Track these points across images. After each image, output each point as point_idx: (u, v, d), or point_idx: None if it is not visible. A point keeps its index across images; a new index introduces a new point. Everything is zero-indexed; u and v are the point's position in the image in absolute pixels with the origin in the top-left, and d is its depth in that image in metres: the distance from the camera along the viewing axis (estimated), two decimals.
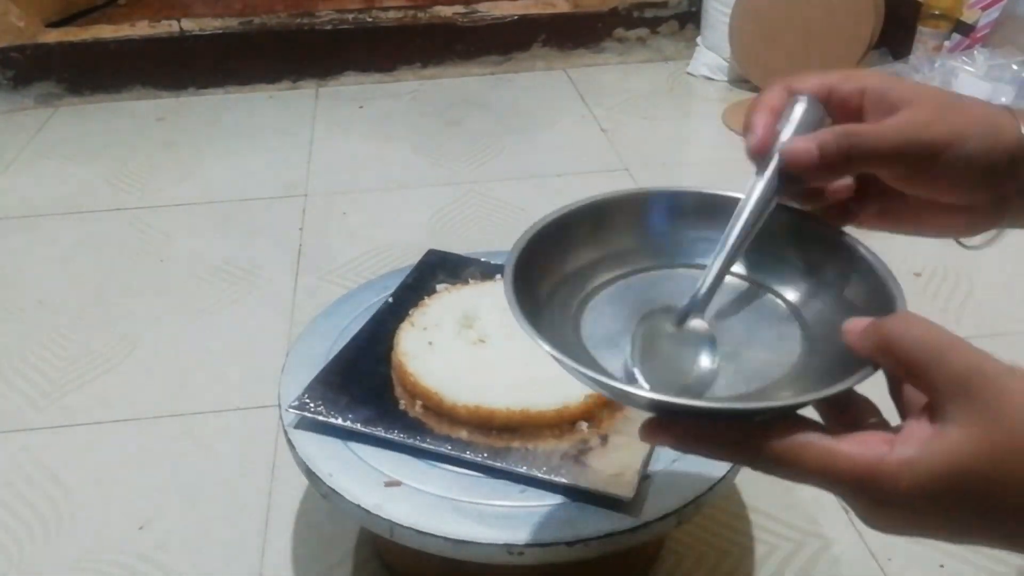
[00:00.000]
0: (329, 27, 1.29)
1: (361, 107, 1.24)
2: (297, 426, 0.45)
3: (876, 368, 0.26)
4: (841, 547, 0.54)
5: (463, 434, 0.43)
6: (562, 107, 1.22)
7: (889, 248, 0.33)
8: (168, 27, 1.27)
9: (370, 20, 1.30)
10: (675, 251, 0.36)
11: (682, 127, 1.18)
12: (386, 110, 1.22)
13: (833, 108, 0.31)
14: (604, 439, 0.43)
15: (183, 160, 1.09)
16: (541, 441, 0.42)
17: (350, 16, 1.30)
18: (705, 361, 0.32)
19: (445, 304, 0.51)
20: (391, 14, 1.31)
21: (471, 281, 0.55)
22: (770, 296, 0.35)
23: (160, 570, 0.53)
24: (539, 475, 0.41)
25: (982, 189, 0.30)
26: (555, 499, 0.40)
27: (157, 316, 0.79)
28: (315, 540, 0.55)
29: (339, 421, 0.44)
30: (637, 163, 1.03)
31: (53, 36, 1.27)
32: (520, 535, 0.39)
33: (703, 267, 0.32)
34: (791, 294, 0.34)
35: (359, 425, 0.44)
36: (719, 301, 0.33)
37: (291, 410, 0.45)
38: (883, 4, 1.17)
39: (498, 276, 0.55)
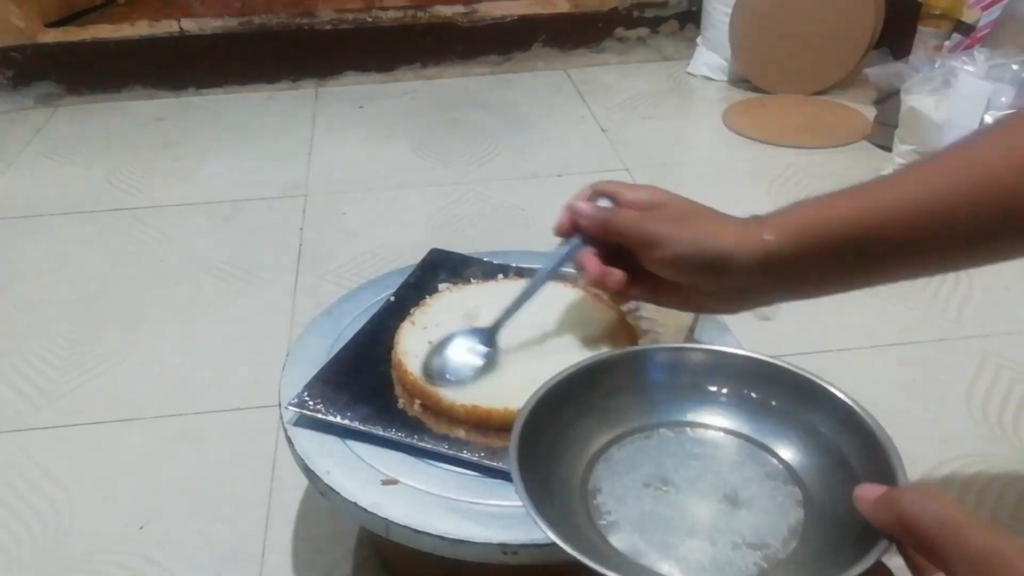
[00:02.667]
0: (329, 27, 1.29)
1: (361, 107, 1.24)
2: (296, 423, 0.45)
3: (891, 542, 0.27)
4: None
5: (461, 433, 0.43)
6: (562, 107, 1.22)
7: None
8: (168, 27, 1.27)
9: (370, 20, 1.30)
10: (668, 409, 0.38)
11: (682, 127, 1.18)
12: (386, 110, 1.23)
13: (621, 206, 0.42)
14: None
15: (183, 160, 1.09)
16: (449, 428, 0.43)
17: (350, 16, 1.30)
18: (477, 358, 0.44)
19: (447, 303, 0.51)
20: (391, 14, 1.31)
21: (473, 280, 0.55)
22: (768, 456, 0.36)
23: (160, 570, 0.53)
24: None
25: (701, 279, 0.40)
26: (495, 500, 0.40)
27: (157, 316, 0.79)
28: (315, 540, 0.55)
29: (337, 419, 0.44)
30: (637, 163, 1.03)
31: (53, 36, 1.27)
32: (515, 535, 0.39)
33: (708, 426, 0.37)
34: (787, 452, 0.36)
35: (357, 423, 0.44)
36: (721, 462, 0.36)
37: (290, 407, 0.45)
38: (883, 4, 1.17)
39: (500, 276, 0.55)
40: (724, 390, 0.38)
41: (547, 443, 0.35)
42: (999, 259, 0.39)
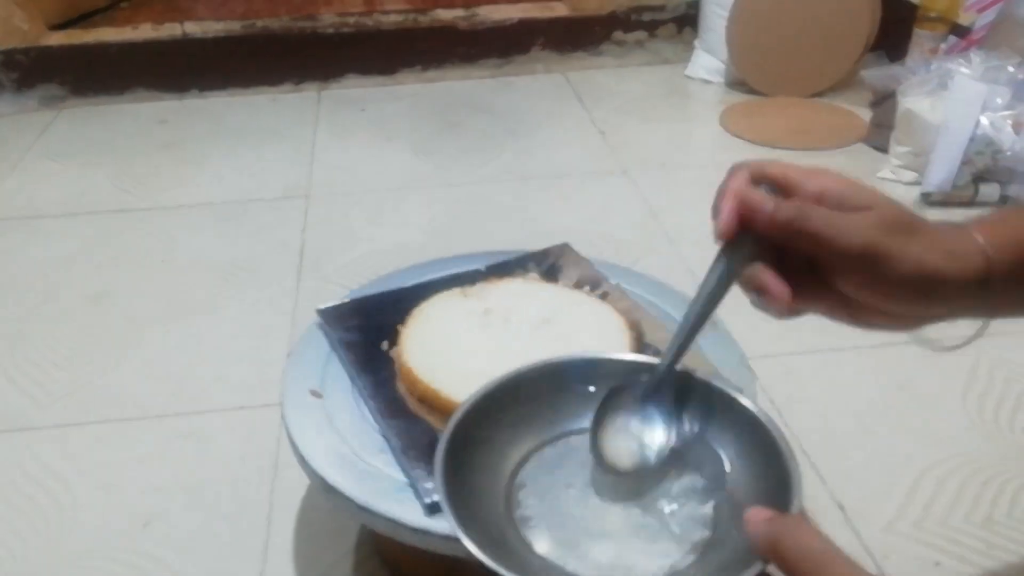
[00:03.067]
0: (331, 30, 1.30)
1: (363, 110, 1.24)
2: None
3: (766, 564, 0.29)
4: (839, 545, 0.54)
5: (396, 382, 0.45)
6: (561, 110, 1.22)
7: None
8: (171, 30, 1.28)
9: (371, 23, 1.31)
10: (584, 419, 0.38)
11: (680, 129, 1.19)
12: (387, 112, 1.23)
13: (797, 197, 0.32)
14: None
15: (186, 162, 1.10)
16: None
17: (352, 19, 1.31)
18: (660, 437, 0.36)
19: (508, 290, 0.52)
20: (392, 18, 1.32)
21: (562, 282, 0.55)
22: (692, 474, 0.37)
23: (163, 568, 0.54)
24: (392, 444, 0.42)
25: (909, 305, 0.32)
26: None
27: (160, 316, 0.79)
28: (316, 538, 0.56)
29: (330, 333, 0.49)
30: (635, 165, 1.04)
31: (57, 39, 1.28)
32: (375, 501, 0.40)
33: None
34: (707, 470, 0.37)
35: (338, 345, 0.48)
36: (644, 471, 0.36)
37: (318, 313, 0.50)
38: (879, 7, 1.18)
39: (587, 288, 0.54)
40: (655, 401, 0.37)
41: (479, 442, 0.37)
42: None
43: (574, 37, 1.35)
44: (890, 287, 0.31)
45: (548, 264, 0.57)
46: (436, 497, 0.37)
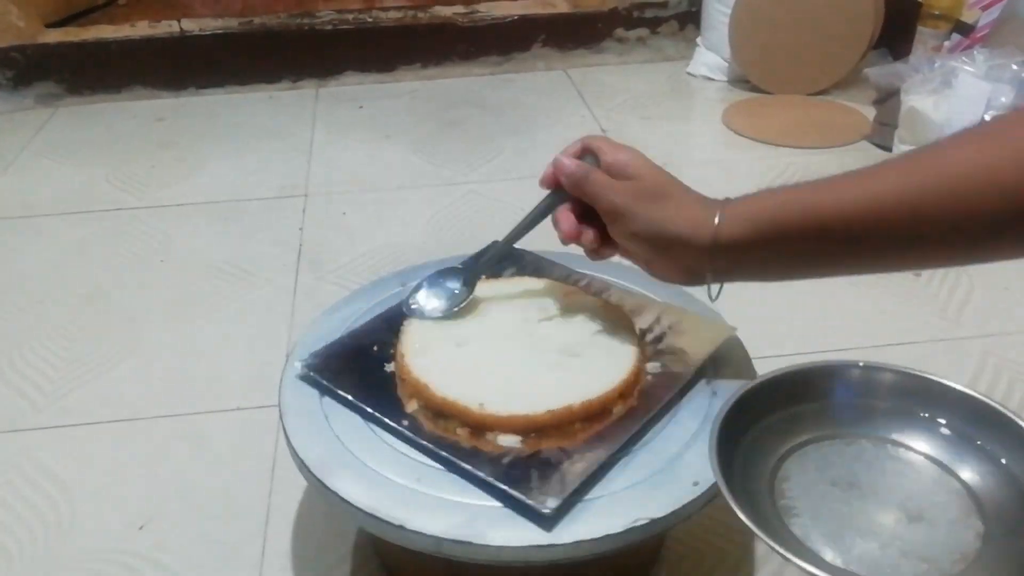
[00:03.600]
0: (329, 27, 1.29)
1: (361, 107, 1.24)
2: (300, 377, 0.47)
3: None
4: None
5: (414, 406, 0.44)
6: (562, 107, 1.22)
7: None
8: (168, 27, 1.27)
9: (370, 20, 1.30)
10: (870, 423, 0.40)
11: (682, 127, 1.18)
12: (386, 110, 1.22)
13: (601, 166, 0.43)
14: (552, 453, 0.41)
15: (183, 160, 1.09)
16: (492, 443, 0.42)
17: (350, 16, 1.30)
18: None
19: (496, 289, 0.52)
20: (391, 14, 1.31)
21: (513, 276, 0.55)
22: (959, 485, 0.38)
23: (160, 570, 0.53)
24: (472, 470, 0.41)
25: (655, 256, 0.42)
26: (491, 501, 0.40)
27: (157, 316, 0.79)
28: (314, 541, 0.55)
29: (336, 389, 0.46)
30: None
31: (53, 36, 1.27)
32: (447, 528, 0.39)
33: (907, 447, 0.39)
34: (979, 486, 0.37)
35: (350, 396, 0.45)
36: (912, 480, 0.38)
37: (299, 364, 0.47)
38: (883, 4, 1.17)
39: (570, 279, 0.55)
40: (926, 415, 0.40)
41: (747, 430, 0.38)
42: (958, 263, 0.39)
43: (575, 34, 1.34)
44: (635, 239, 0.42)
45: (531, 264, 0.57)
46: (554, 506, 0.38)
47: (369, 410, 0.44)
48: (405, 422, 0.43)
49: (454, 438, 0.43)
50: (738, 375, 0.48)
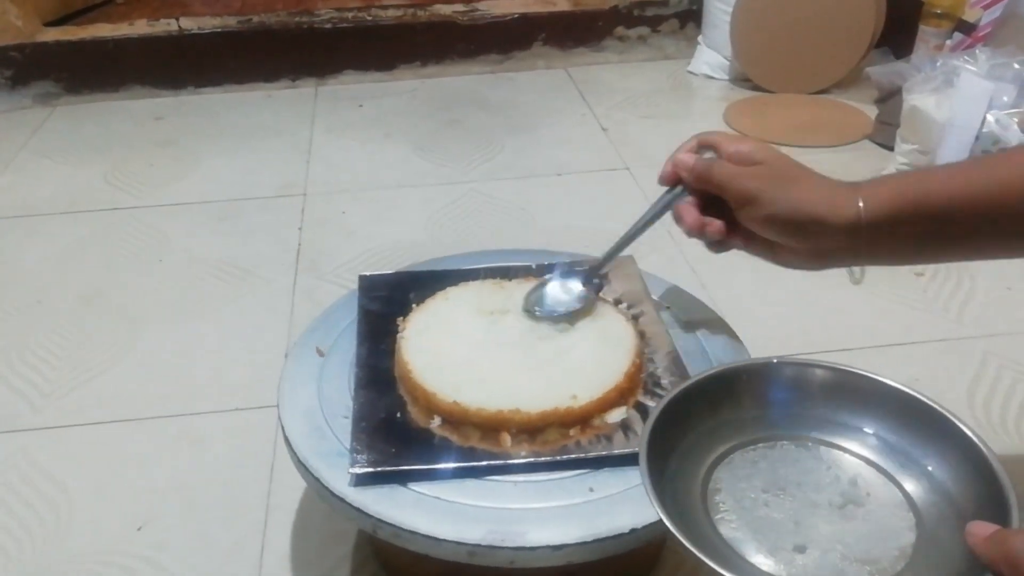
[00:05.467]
0: (328, 26, 1.29)
1: (361, 106, 1.23)
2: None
3: None
4: None
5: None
6: (562, 106, 1.21)
7: None
8: (166, 26, 1.27)
9: (370, 19, 1.30)
10: (795, 423, 0.40)
11: (683, 126, 1.18)
12: (386, 109, 1.22)
13: (723, 157, 0.44)
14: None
15: (181, 159, 1.09)
16: (466, 438, 0.43)
17: (349, 15, 1.29)
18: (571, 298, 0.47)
19: (431, 310, 0.50)
20: (391, 12, 1.31)
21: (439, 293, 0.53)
22: (884, 478, 0.38)
23: (159, 571, 0.53)
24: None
25: (793, 239, 0.41)
26: (491, 501, 0.40)
27: (155, 316, 0.78)
28: (314, 541, 0.55)
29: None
30: (638, 162, 1.03)
31: (51, 35, 1.27)
32: (437, 527, 0.38)
33: (830, 443, 0.38)
34: (904, 478, 0.38)
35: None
36: (839, 479, 0.37)
37: (358, 470, 0.41)
38: (884, 3, 1.17)
39: (624, 305, 0.53)
40: (848, 411, 0.40)
41: (673, 444, 0.37)
42: None
43: (576, 32, 1.34)
44: (769, 223, 0.41)
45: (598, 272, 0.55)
46: (361, 470, 0.40)
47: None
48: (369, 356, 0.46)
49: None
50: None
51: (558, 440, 0.42)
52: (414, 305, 0.51)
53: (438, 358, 0.45)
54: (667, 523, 0.32)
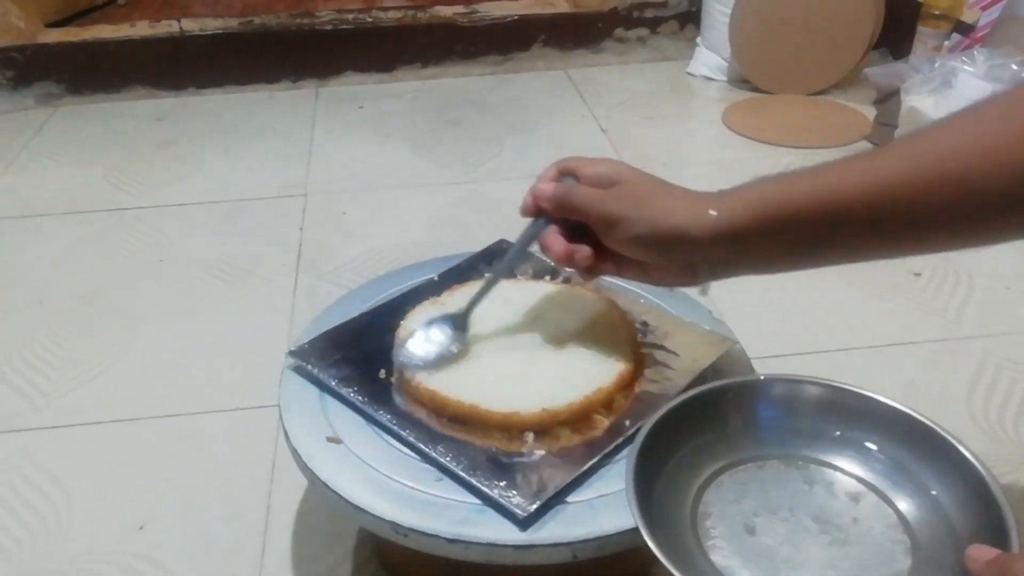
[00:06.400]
0: (329, 27, 1.29)
1: (361, 107, 1.24)
2: (294, 369, 0.48)
3: None
4: None
5: (422, 414, 0.44)
6: (562, 107, 1.22)
7: None
8: (168, 27, 1.27)
9: (370, 20, 1.30)
10: (785, 442, 0.38)
11: (682, 127, 1.18)
12: (386, 110, 1.22)
13: (581, 182, 0.43)
14: (540, 456, 0.41)
15: (183, 160, 1.09)
16: (485, 440, 0.42)
17: (350, 16, 1.30)
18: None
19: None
20: (391, 14, 1.31)
21: (521, 277, 0.55)
22: (879, 500, 0.36)
23: (160, 570, 0.53)
24: (454, 468, 0.41)
25: (656, 256, 0.40)
26: (468, 497, 0.40)
27: (156, 316, 0.78)
28: (315, 540, 0.55)
29: (318, 374, 0.47)
30: (637, 163, 1.02)
31: (53, 36, 1.27)
32: (409, 518, 0.39)
33: (822, 462, 0.37)
34: (900, 500, 0.36)
35: (334, 382, 0.46)
36: (831, 499, 0.36)
37: (290, 355, 0.48)
38: (883, 4, 1.17)
39: (547, 277, 0.54)
40: (840, 429, 0.38)
41: (662, 462, 0.36)
42: (960, 246, 0.38)
43: (575, 34, 1.34)
44: (633, 243, 0.40)
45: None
46: (532, 509, 0.38)
47: (355, 401, 0.45)
48: (388, 415, 0.44)
49: (436, 425, 0.43)
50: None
51: (588, 430, 0.42)
52: (467, 283, 0.51)
53: (476, 382, 0.44)
54: (661, 557, 0.31)
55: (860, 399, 0.39)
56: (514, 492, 0.39)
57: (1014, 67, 0.91)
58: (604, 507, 0.39)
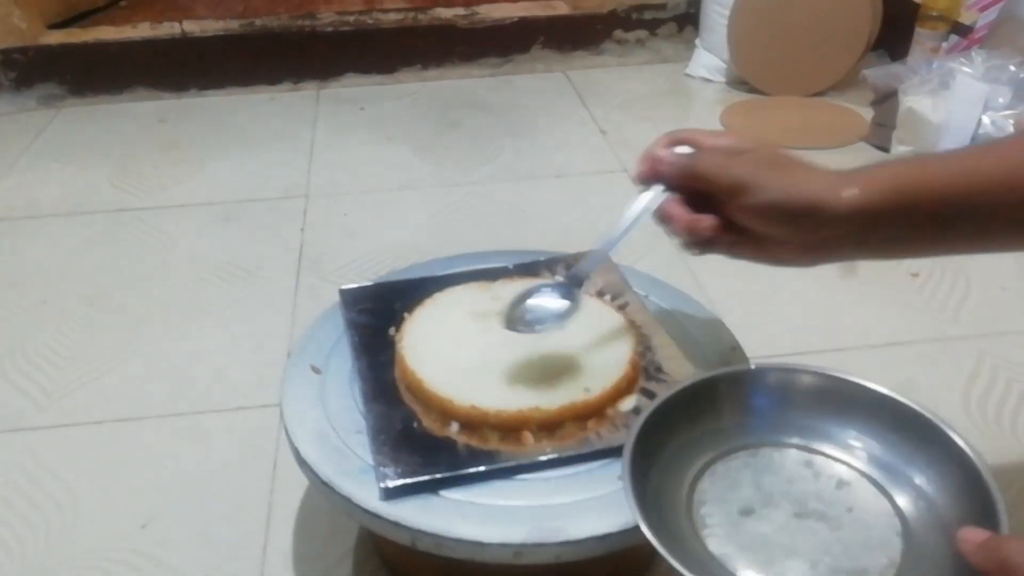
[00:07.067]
0: (330, 29, 1.29)
1: (362, 109, 1.24)
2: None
3: None
4: None
5: (398, 376, 0.45)
6: (561, 109, 1.22)
7: None
8: (170, 29, 1.28)
9: (371, 22, 1.31)
10: (778, 430, 0.39)
11: (681, 128, 1.18)
12: (387, 112, 1.23)
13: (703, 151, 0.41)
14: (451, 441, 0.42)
15: (185, 161, 1.10)
16: (423, 416, 0.43)
17: (351, 18, 1.30)
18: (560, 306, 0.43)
19: (422, 316, 0.51)
20: (392, 16, 1.31)
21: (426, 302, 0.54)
22: (870, 484, 0.37)
23: (162, 568, 0.54)
24: (368, 424, 0.42)
25: (790, 228, 0.38)
26: (490, 499, 0.40)
27: (159, 316, 0.79)
28: (316, 539, 0.55)
29: (344, 313, 0.50)
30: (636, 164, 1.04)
31: (55, 38, 1.28)
32: (326, 470, 0.40)
33: (814, 450, 0.37)
34: (894, 489, 0.37)
35: (349, 328, 0.50)
36: (823, 485, 0.37)
37: (340, 293, 0.52)
38: (881, 6, 1.17)
39: (608, 297, 0.54)
40: (831, 417, 0.38)
41: (657, 454, 0.37)
42: None
43: (575, 36, 1.35)
44: (765, 212, 0.38)
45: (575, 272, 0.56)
46: (392, 484, 0.40)
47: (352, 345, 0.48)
48: (366, 363, 0.46)
49: (435, 424, 0.43)
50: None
51: (576, 433, 0.42)
52: (405, 315, 0.50)
53: (445, 365, 0.45)
54: (660, 549, 0.31)
55: (850, 386, 0.39)
56: (393, 465, 0.41)
57: (1012, 68, 0.91)
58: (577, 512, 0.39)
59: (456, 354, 0.46)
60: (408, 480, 0.40)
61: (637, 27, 1.35)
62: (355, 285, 0.54)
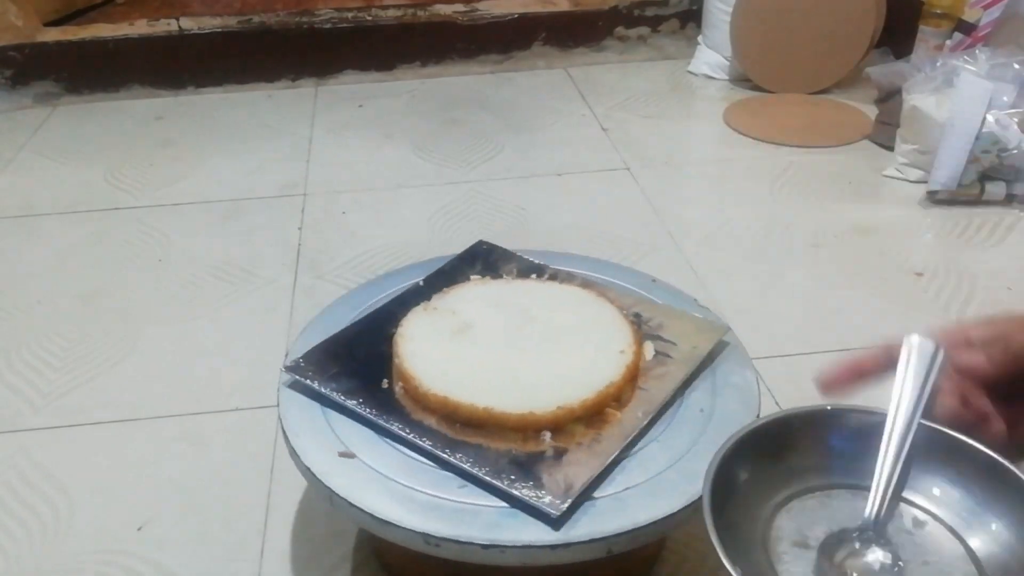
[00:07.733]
0: (328, 26, 1.29)
1: (361, 106, 1.23)
2: (291, 386, 0.47)
3: None
4: None
5: (432, 421, 0.43)
6: (563, 106, 1.21)
7: (889, 248, 0.33)
8: (167, 26, 1.27)
9: (369, 19, 1.30)
10: (852, 472, 0.38)
11: (683, 126, 1.18)
12: (386, 109, 1.22)
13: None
14: (561, 454, 0.42)
15: (182, 159, 1.09)
16: (501, 442, 0.42)
17: (349, 15, 1.29)
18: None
19: (472, 294, 0.51)
20: (391, 12, 1.31)
21: (506, 276, 0.55)
22: (948, 532, 0.36)
23: (159, 570, 0.53)
24: (479, 473, 0.40)
25: None
26: (494, 501, 0.40)
27: (155, 316, 0.78)
28: (314, 541, 0.55)
29: (321, 389, 0.46)
30: (638, 162, 1.03)
31: (52, 35, 1.27)
32: (440, 527, 0.39)
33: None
34: (971, 537, 0.36)
35: (338, 396, 0.45)
36: (898, 524, 0.36)
37: (286, 371, 0.47)
38: (884, 3, 1.17)
39: (534, 275, 0.55)
40: (911, 461, 0.37)
41: (735, 488, 0.37)
42: None
43: (576, 32, 1.34)
44: None
45: (483, 263, 0.57)
46: (564, 508, 0.38)
47: (363, 413, 0.44)
48: (407, 430, 0.43)
49: (449, 431, 0.43)
50: (738, 369, 0.48)
51: (602, 424, 0.43)
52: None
53: (453, 378, 0.44)
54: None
55: (929, 432, 0.39)
56: (543, 492, 0.39)
57: (1016, 66, 0.91)
58: (632, 499, 0.40)
59: (486, 372, 0.45)
60: (572, 499, 0.39)
61: (639, 24, 1.35)
62: (297, 356, 0.48)
